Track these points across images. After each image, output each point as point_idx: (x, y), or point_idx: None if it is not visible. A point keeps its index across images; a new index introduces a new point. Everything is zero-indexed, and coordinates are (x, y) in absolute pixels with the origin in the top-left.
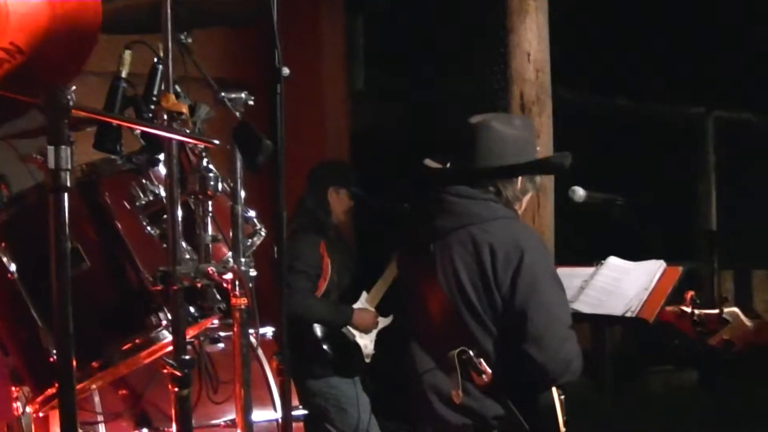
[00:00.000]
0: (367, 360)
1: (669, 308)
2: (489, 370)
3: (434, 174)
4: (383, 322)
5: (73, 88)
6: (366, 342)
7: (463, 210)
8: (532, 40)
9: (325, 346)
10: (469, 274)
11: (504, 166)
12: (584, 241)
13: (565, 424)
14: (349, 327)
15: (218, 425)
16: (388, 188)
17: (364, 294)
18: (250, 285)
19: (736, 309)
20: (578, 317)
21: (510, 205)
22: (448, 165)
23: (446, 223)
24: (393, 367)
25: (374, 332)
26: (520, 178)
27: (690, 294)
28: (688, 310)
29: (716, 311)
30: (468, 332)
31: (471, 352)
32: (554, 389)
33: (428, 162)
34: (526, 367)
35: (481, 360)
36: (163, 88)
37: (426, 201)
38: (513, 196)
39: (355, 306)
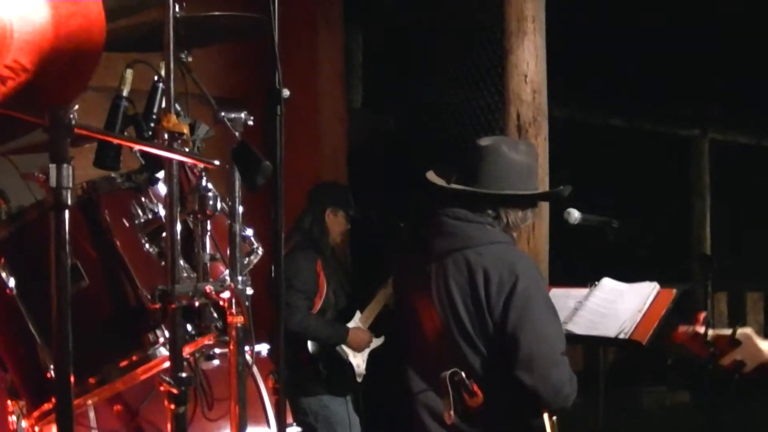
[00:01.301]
0: (359, 379)
1: (682, 329)
2: (480, 393)
3: (437, 191)
4: (376, 342)
5: (76, 107)
6: (359, 361)
7: (459, 233)
8: (529, 61)
9: (318, 365)
10: (463, 297)
11: (511, 195)
12: (578, 262)
13: None
14: (342, 346)
15: None
16: (385, 204)
17: (358, 313)
18: (247, 303)
19: (749, 330)
20: (572, 338)
21: (509, 230)
22: (452, 180)
23: (443, 245)
24: (385, 386)
25: (367, 351)
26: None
27: (702, 315)
28: (701, 330)
29: (729, 332)
30: (460, 354)
31: (463, 374)
32: (546, 416)
33: (431, 176)
34: (517, 391)
35: (473, 382)
36: (163, 106)
37: (423, 219)
38: (514, 222)
39: (349, 325)
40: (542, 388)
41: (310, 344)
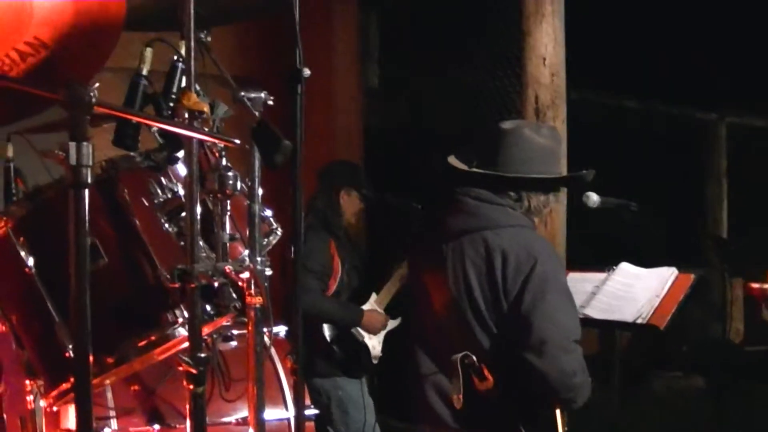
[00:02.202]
0: (375, 361)
1: (755, 284)
2: (491, 377)
3: (459, 175)
4: (392, 323)
5: (96, 84)
6: (374, 343)
7: (479, 213)
8: (548, 44)
9: (333, 346)
10: (479, 278)
11: (535, 178)
12: (596, 246)
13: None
14: (358, 328)
15: (230, 423)
16: (400, 186)
17: (374, 295)
18: (266, 284)
19: None
20: (589, 323)
21: (530, 214)
22: (474, 165)
23: (461, 225)
24: (401, 368)
25: (382, 334)
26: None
27: None
28: None
29: None
30: (472, 335)
31: (474, 357)
32: (558, 412)
33: (452, 161)
34: (526, 375)
35: (484, 366)
36: (183, 85)
37: (441, 201)
38: (536, 207)
39: (364, 307)
40: (551, 372)
41: (325, 326)
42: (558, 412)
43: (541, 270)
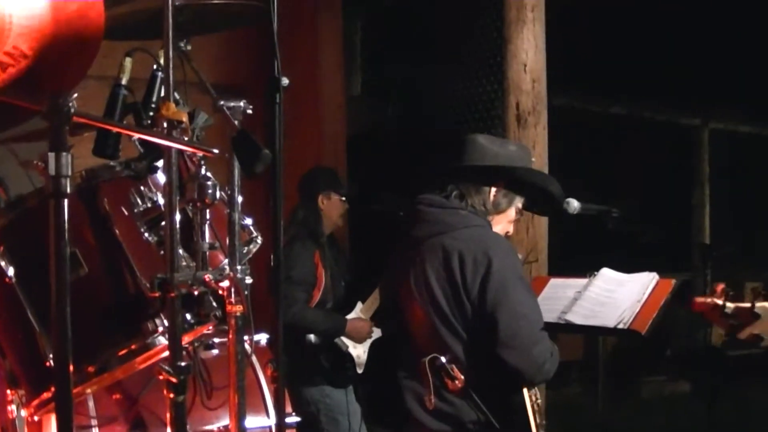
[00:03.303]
0: (360, 369)
1: (700, 299)
2: (461, 376)
3: (412, 178)
4: (378, 332)
5: (75, 95)
6: (359, 352)
7: (434, 219)
8: (528, 50)
9: (318, 356)
10: (440, 282)
11: (465, 166)
12: (578, 252)
13: (540, 426)
14: (342, 337)
15: (212, 431)
16: (385, 193)
17: (359, 304)
18: (246, 292)
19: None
20: (571, 328)
21: (485, 214)
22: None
23: (420, 233)
24: (386, 375)
25: (368, 342)
26: (492, 190)
27: (721, 286)
28: (720, 302)
29: (748, 305)
30: (440, 339)
31: (443, 359)
32: (526, 395)
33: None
34: (499, 370)
35: (453, 366)
36: (162, 94)
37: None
38: (480, 204)
39: (351, 316)
40: (524, 365)
41: (310, 337)
42: (528, 402)
43: (498, 267)
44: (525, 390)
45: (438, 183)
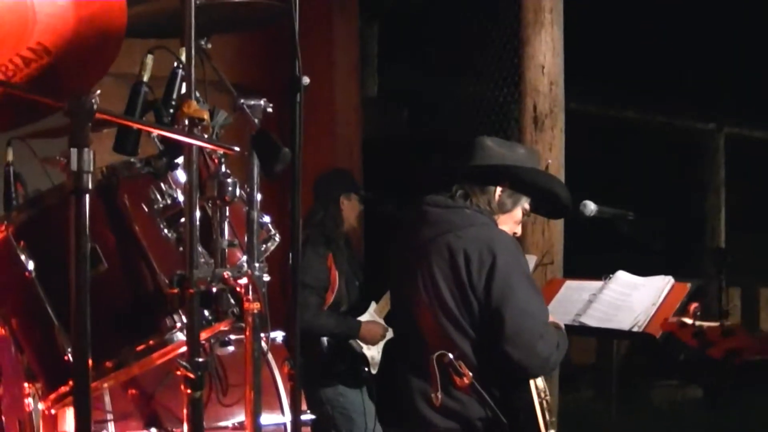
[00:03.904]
0: (374, 370)
1: (671, 319)
2: (469, 373)
3: (418, 180)
4: (391, 333)
5: (98, 92)
6: (373, 353)
7: (439, 219)
8: (546, 53)
9: (333, 358)
10: (446, 281)
11: (471, 166)
12: (593, 255)
13: (550, 424)
14: (357, 339)
15: (227, 428)
16: (399, 195)
17: (373, 304)
18: (263, 290)
19: (736, 324)
20: (585, 331)
21: (490, 214)
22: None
23: (426, 233)
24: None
25: (382, 343)
26: (497, 190)
27: (693, 306)
28: (689, 321)
29: (717, 324)
30: (448, 337)
31: (450, 356)
32: (534, 392)
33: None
34: (505, 366)
35: (461, 363)
36: (183, 93)
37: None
38: (485, 204)
39: (364, 317)
40: (530, 361)
41: (324, 339)
42: (536, 399)
43: (502, 263)
44: (532, 386)
45: (444, 184)
